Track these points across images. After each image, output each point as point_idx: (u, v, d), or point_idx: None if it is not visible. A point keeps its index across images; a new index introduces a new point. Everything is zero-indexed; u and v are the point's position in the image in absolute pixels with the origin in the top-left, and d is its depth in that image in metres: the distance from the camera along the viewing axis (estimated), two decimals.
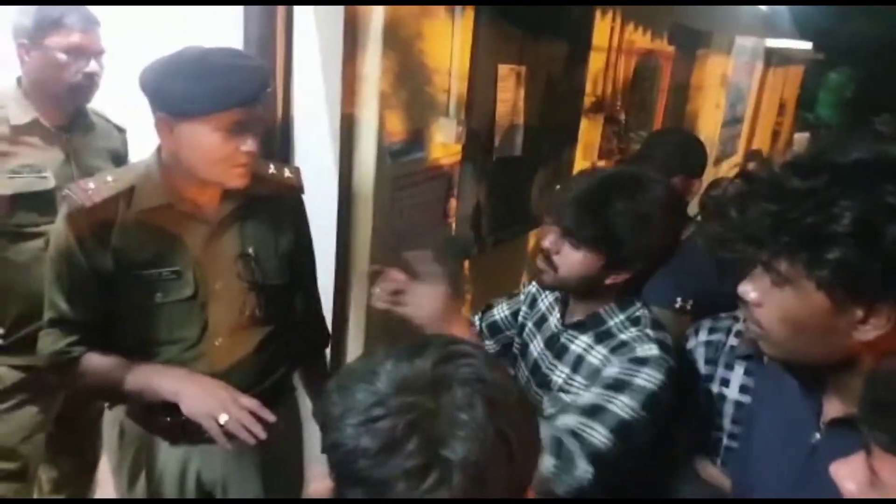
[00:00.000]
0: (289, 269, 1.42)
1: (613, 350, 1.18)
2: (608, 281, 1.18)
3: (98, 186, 1.23)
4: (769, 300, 0.81)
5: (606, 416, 1.08)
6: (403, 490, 0.59)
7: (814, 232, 0.74)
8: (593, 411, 1.09)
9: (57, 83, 1.57)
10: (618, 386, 1.11)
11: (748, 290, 0.84)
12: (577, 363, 1.24)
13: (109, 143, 1.77)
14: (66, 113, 1.64)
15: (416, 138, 1.93)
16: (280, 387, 1.48)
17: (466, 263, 2.37)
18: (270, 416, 1.19)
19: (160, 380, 1.24)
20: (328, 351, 1.86)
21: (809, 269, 0.75)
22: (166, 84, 1.16)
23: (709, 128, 5.14)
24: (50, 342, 1.28)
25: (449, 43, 1.97)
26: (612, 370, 1.14)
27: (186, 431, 1.33)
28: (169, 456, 1.39)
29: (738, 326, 1.35)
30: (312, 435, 1.96)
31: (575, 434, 1.06)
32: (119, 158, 1.79)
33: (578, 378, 1.22)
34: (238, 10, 1.75)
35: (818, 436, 0.86)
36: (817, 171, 0.76)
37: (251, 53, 1.74)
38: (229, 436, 1.17)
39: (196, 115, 1.16)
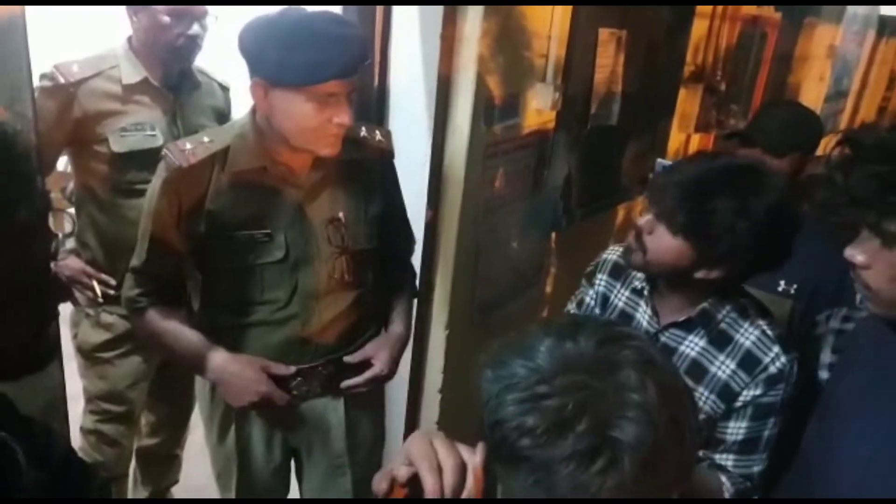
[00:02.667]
0: (378, 233, 1.41)
1: (742, 366, 1.13)
2: (698, 275, 1.11)
3: (195, 147, 1.25)
4: (878, 261, 0.84)
5: (761, 443, 1.13)
6: (569, 473, 0.57)
7: None
8: (749, 447, 1.14)
9: (162, 44, 1.59)
10: (767, 413, 1.13)
11: (855, 253, 0.86)
12: (694, 369, 1.17)
13: (214, 101, 1.81)
14: (172, 72, 1.67)
15: (512, 104, 1.88)
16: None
17: (553, 236, 2.32)
18: (283, 399, 1.31)
19: (204, 364, 1.31)
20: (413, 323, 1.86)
21: None
22: (263, 50, 1.15)
23: (811, 102, 4.83)
24: (127, 287, 1.35)
25: (549, 7, 1.89)
26: (752, 394, 1.12)
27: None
28: (258, 416, 1.42)
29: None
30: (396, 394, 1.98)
31: (743, 475, 1.14)
32: (223, 116, 1.82)
33: (700, 389, 1.16)
34: None
35: None
36: None
37: (351, 18, 1.74)
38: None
39: (291, 84, 1.15)
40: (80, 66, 1.57)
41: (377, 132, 1.44)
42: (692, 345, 1.17)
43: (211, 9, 1.62)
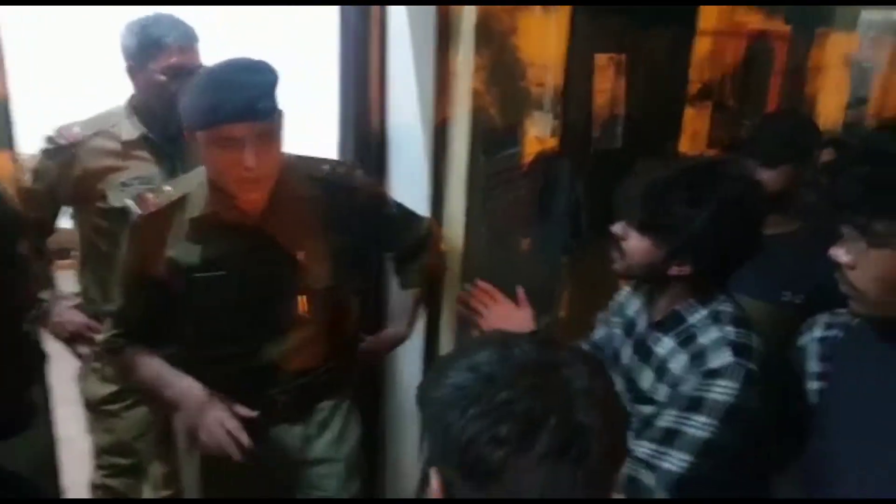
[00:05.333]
0: (344, 269, 1.44)
1: (693, 360, 1.13)
2: (672, 272, 1.15)
3: (156, 196, 1.32)
4: (864, 261, 0.84)
5: (684, 440, 1.06)
6: (545, 471, 0.59)
7: None
8: (668, 437, 1.07)
9: (160, 102, 1.62)
10: (692, 405, 1.08)
11: (840, 253, 0.87)
12: (661, 369, 1.19)
13: None
14: (171, 127, 1.68)
15: (510, 133, 1.88)
16: (330, 381, 1.51)
17: (563, 259, 2.30)
18: (245, 440, 1.28)
19: (162, 390, 1.35)
20: (421, 350, 1.86)
21: None
22: (182, 97, 1.23)
23: (830, 111, 4.74)
24: (105, 330, 1.43)
25: (544, 35, 1.90)
26: (686, 387, 1.11)
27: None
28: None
29: (856, 320, 1.22)
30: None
31: (650, 465, 1.05)
32: None
33: (662, 387, 1.17)
34: (334, 13, 1.77)
35: None
36: None
37: (348, 57, 1.77)
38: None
39: (191, 128, 1.22)
40: (81, 127, 1.63)
41: (341, 168, 1.45)
42: (666, 345, 1.19)
43: (205, 59, 1.65)
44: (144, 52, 1.59)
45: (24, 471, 0.82)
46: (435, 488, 0.65)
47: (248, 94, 1.18)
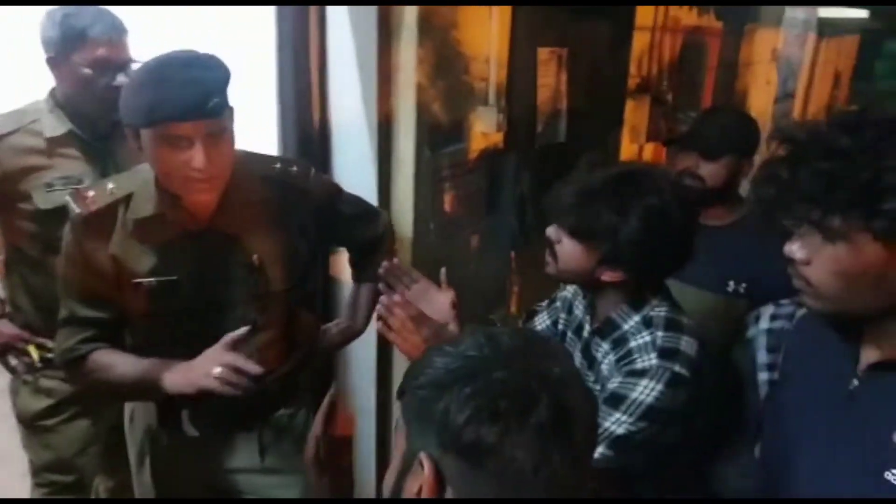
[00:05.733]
0: (300, 270, 1.38)
1: (618, 360, 1.16)
2: (605, 277, 1.16)
3: (97, 194, 1.23)
4: (819, 257, 0.84)
5: (602, 435, 1.08)
6: (536, 451, 0.61)
7: (868, 186, 0.77)
8: None
9: (87, 97, 1.54)
10: (613, 402, 1.10)
11: (794, 249, 0.87)
12: (599, 372, 1.20)
13: None
14: (101, 124, 1.61)
15: (456, 129, 1.87)
16: (285, 384, 1.46)
17: (512, 255, 2.30)
18: (254, 369, 1.18)
19: (159, 373, 1.23)
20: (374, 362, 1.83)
21: (867, 221, 0.78)
22: (123, 94, 1.15)
23: (760, 105, 4.93)
24: (62, 340, 1.29)
25: (486, 29, 1.90)
26: (611, 385, 1.13)
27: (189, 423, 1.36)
28: (173, 448, 1.40)
29: (801, 312, 1.26)
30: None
31: None
32: None
33: (597, 387, 1.18)
34: (270, 10, 1.72)
35: (856, 382, 0.90)
36: (863, 126, 0.81)
37: (287, 54, 1.72)
38: (231, 385, 1.17)
39: (133, 125, 1.14)
40: None
41: (293, 167, 1.39)
42: (602, 350, 1.21)
43: (137, 54, 1.57)
44: (67, 43, 1.48)
45: None
46: (427, 474, 0.64)
47: (198, 90, 1.11)
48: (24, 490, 1.78)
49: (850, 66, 8.19)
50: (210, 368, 1.17)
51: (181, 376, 1.21)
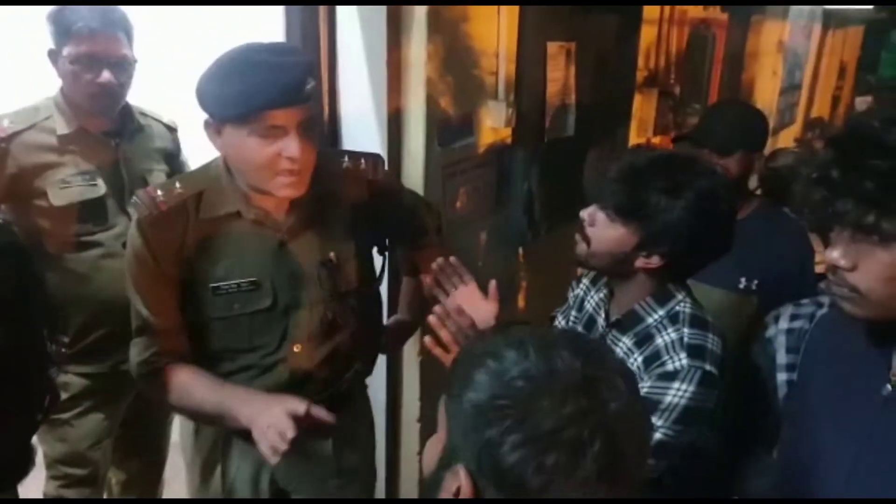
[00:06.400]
0: (370, 270, 1.36)
1: (646, 361, 1.12)
2: (639, 263, 1.12)
3: (165, 194, 1.18)
4: (868, 262, 0.80)
5: None
6: (585, 492, 0.59)
7: None
8: None
9: (76, 93, 1.52)
10: (646, 407, 1.06)
11: (836, 256, 0.83)
12: None
13: (160, 143, 1.75)
14: (108, 119, 1.61)
15: (465, 123, 1.87)
16: (353, 387, 1.44)
17: (520, 251, 2.31)
18: (330, 419, 1.14)
19: (239, 408, 1.16)
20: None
21: None
22: (205, 86, 1.11)
23: (766, 96, 4.91)
24: (136, 353, 1.23)
25: (495, 24, 1.89)
26: (642, 389, 1.07)
27: None
28: (246, 453, 1.36)
29: (822, 312, 1.25)
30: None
31: None
32: (172, 158, 1.77)
33: None
34: (279, 7, 1.72)
35: (889, 388, 0.87)
36: None
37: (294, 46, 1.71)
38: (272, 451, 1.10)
39: (229, 119, 1.10)
40: (10, 120, 1.51)
41: (361, 160, 1.35)
42: (623, 345, 1.18)
43: (135, 52, 1.56)
44: (57, 38, 1.49)
45: None
46: (464, 484, 0.62)
47: (293, 74, 1.07)
48: (36, 484, 1.79)
49: (855, 56, 8.16)
50: (277, 426, 1.08)
51: (253, 417, 1.12)
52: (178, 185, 1.20)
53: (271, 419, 1.09)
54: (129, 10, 1.57)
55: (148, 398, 1.52)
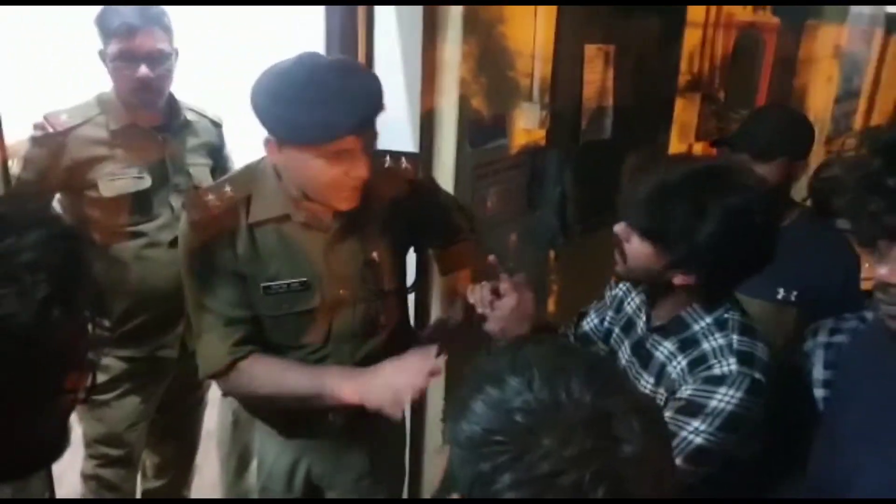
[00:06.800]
0: (405, 269, 1.38)
1: (691, 364, 1.09)
2: (676, 280, 1.09)
3: (215, 196, 1.21)
4: None
5: (678, 445, 1.01)
6: None
7: None
8: None
9: (121, 89, 1.60)
10: (690, 410, 1.03)
11: (887, 273, 0.79)
12: (660, 374, 1.15)
13: (206, 138, 1.81)
14: (156, 114, 1.67)
15: (498, 125, 1.88)
16: None
17: (552, 254, 2.30)
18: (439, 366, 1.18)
19: (341, 384, 1.18)
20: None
21: None
22: (272, 107, 1.10)
23: (820, 104, 4.76)
24: (211, 349, 1.23)
25: (531, 25, 1.90)
26: (686, 391, 1.06)
27: (304, 424, 1.34)
28: (284, 448, 1.40)
29: (863, 328, 1.20)
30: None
31: None
32: (216, 153, 1.84)
33: (661, 391, 1.13)
34: (319, 8, 1.76)
35: None
36: None
37: (337, 50, 1.75)
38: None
39: (300, 144, 1.11)
40: (68, 115, 1.60)
41: (403, 160, 1.38)
42: (665, 350, 1.15)
43: (177, 44, 1.62)
44: (104, 38, 1.57)
45: None
46: None
47: (369, 101, 1.09)
48: (73, 463, 1.86)
49: None
50: (405, 396, 1.14)
51: (371, 397, 1.16)
52: (227, 187, 1.22)
53: (410, 378, 1.16)
54: (171, 9, 1.62)
55: (192, 384, 1.53)
